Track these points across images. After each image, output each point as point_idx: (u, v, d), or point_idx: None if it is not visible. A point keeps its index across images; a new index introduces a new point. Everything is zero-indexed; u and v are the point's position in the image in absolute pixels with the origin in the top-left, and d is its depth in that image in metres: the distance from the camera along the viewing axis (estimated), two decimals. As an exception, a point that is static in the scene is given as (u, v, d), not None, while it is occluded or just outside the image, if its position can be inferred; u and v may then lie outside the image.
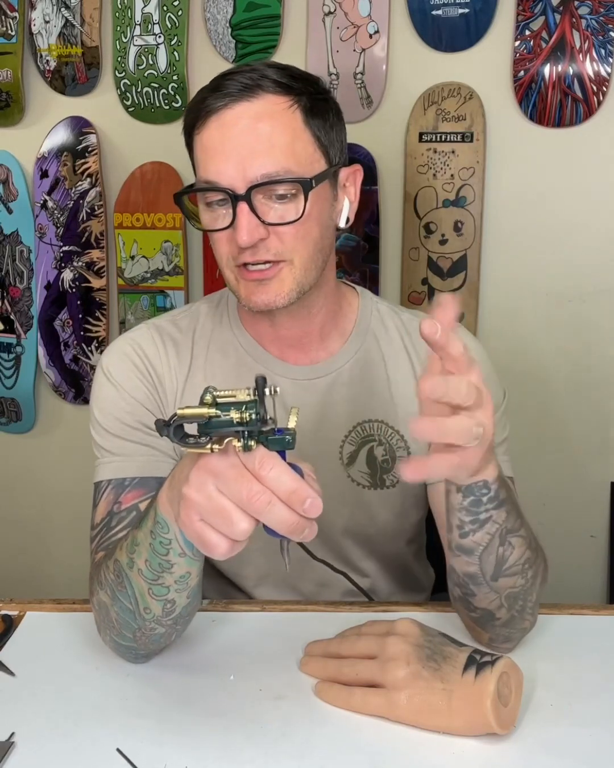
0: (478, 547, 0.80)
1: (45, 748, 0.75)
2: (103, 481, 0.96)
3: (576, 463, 1.79)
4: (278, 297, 0.91)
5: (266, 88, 0.88)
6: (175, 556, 0.73)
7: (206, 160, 0.88)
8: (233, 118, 0.87)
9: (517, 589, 0.84)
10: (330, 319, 1.02)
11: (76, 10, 1.72)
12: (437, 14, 1.60)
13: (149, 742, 0.76)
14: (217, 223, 0.90)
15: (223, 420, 0.60)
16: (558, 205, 1.67)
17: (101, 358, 1.03)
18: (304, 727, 0.78)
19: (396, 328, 1.06)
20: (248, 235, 0.86)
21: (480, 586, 0.83)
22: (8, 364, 1.93)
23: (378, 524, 1.05)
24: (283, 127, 0.88)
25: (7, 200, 1.84)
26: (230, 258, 0.91)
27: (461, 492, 0.77)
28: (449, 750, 0.75)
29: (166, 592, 0.77)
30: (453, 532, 0.81)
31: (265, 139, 0.87)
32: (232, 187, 0.86)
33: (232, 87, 0.87)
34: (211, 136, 0.88)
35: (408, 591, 1.13)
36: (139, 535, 0.76)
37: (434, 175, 1.66)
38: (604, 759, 0.74)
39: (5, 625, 0.94)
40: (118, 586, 0.79)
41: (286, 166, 0.87)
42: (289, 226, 0.88)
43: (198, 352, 1.03)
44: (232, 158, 0.86)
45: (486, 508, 0.78)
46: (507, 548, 0.81)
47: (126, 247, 1.79)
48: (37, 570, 2.06)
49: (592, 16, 1.56)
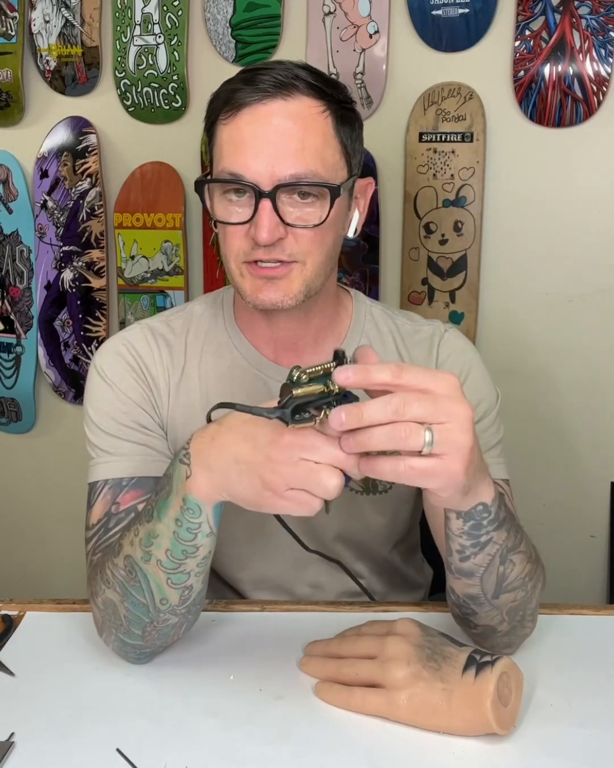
0: (479, 569, 0.79)
1: (45, 748, 0.75)
2: (99, 481, 0.95)
3: (576, 463, 1.78)
4: (286, 297, 0.90)
5: (301, 89, 0.88)
6: (202, 538, 0.76)
7: (233, 152, 0.87)
8: (266, 114, 0.87)
9: (517, 603, 0.84)
10: (327, 323, 1.02)
11: (76, 10, 1.72)
12: (437, 14, 1.60)
13: (149, 742, 0.76)
14: (233, 216, 0.89)
15: (324, 393, 0.65)
16: (558, 205, 1.67)
17: (94, 358, 1.02)
18: (304, 727, 0.78)
19: (390, 332, 1.06)
20: (269, 233, 0.85)
21: (481, 606, 0.83)
22: (8, 364, 1.93)
23: (370, 529, 1.06)
24: (315, 130, 0.88)
25: (7, 200, 1.84)
26: (241, 253, 0.90)
27: (461, 518, 0.75)
28: (449, 750, 0.75)
29: (186, 579, 0.78)
30: (452, 557, 0.80)
31: (297, 139, 0.86)
32: (258, 183, 0.86)
33: (267, 82, 0.87)
34: (241, 128, 0.87)
35: (400, 591, 1.13)
36: (157, 527, 0.77)
37: (434, 175, 1.66)
38: (604, 759, 0.74)
39: (5, 625, 0.94)
40: (130, 581, 0.80)
41: (314, 170, 0.87)
42: (308, 229, 0.88)
43: (191, 353, 1.03)
44: (262, 154, 0.86)
45: (486, 530, 0.77)
46: (507, 566, 0.80)
47: (126, 247, 1.79)
48: (37, 570, 2.06)
49: (592, 16, 1.56)
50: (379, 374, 0.63)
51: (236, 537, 1.04)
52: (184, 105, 1.72)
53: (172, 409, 1.01)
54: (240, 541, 1.05)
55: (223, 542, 0.95)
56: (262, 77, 0.87)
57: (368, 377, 0.63)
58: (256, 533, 1.04)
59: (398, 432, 0.62)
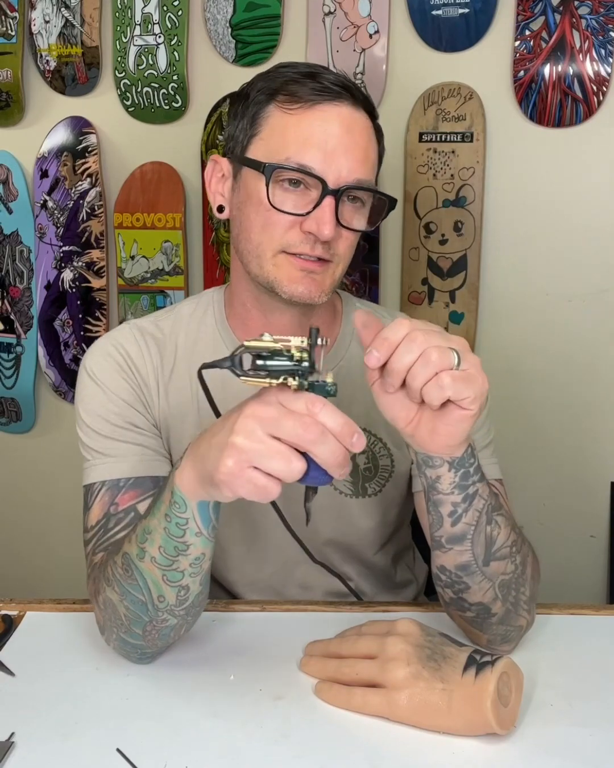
0: (469, 529, 0.80)
1: (45, 748, 0.75)
2: (96, 483, 0.95)
3: (576, 463, 1.79)
4: (321, 293, 0.92)
5: (361, 101, 0.92)
6: (191, 536, 0.75)
7: (304, 145, 0.89)
8: (338, 115, 0.90)
9: (508, 576, 0.84)
10: (324, 325, 1.03)
11: (76, 10, 1.72)
12: (437, 14, 1.60)
13: (149, 742, 0.76)
14: (287, 205, 0.90)
15: (283, 356, 0.65)
16: (558, 205, 1.67)
17: (84, 359, 1.02)
18: (304, 727, 0.78)
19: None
20: (331, 230, 0.87)
21: (473, 576, 0.83)
22: (8, 364, 1.93)
23: (359, 533, 1.06)
24: (373, 144, 0.94)
25: (7, 200, 1.84)
26: (284, 243, 0.90)
27: (453, 468, 0.78)
28: (449, 750, 0.75)
29: (181, 578, 0.78)
30: (444, 524, 0.81)
31: (362, 148, 0.91)
32: (326, 179, 0.88)
33: (331, 82, 0.90)
34: (312, 123, 0.89)
35: (388, 591, 1.13)
36: (151, 523, 0.77)
37: (434, 175, 1.66)
38: (604, 759, 0.74)
39: (5, 625, 0.94)
40: (127, 579, 0.80)
41: (370, 179, 0.92)
42: (349, 233, 0.92)
43: (181, 355, 1.02)
44: (334, 154, 0.88)
45: (472, 480, 0.79)
46: (494, 527, 0.82)
47: (126, 247, 1.79)
48: (37, 570, 2.06)
49: (592, 16, 1.56)
50: (398, 333, 0.70)
51: (229, 541, 1.04)
52: (184, 105, 1.72)
53: (162, 408, 1.00)
54: (232, 545, 1.05)
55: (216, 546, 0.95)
56: (324, 76, 0.91)
57: (390, 345, 0.70)
58: (249, 538, 1.04)
59: (430, 355, 0.68)
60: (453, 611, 0.90)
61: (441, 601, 0.91)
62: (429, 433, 0.75)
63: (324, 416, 0.65)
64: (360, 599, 1.08)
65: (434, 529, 0.82)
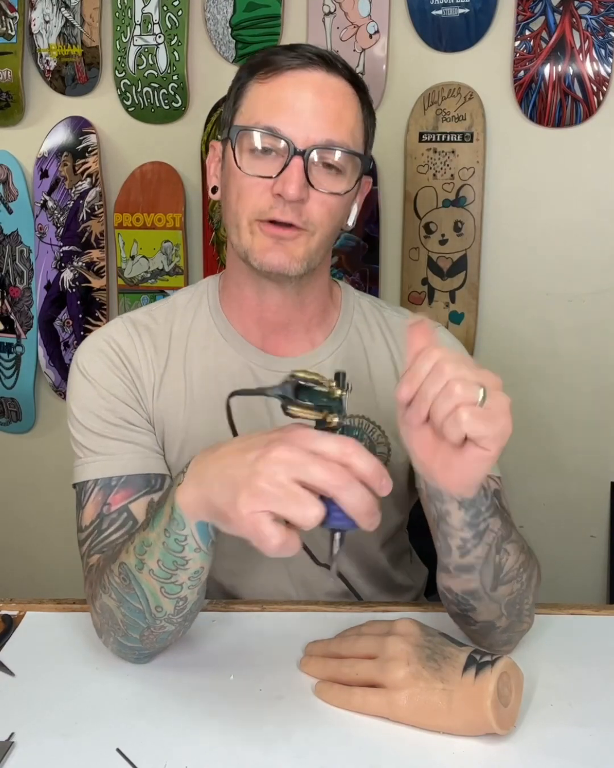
0: (478, 562, 0.79)
1: (45, 748, 0.75)
2: (89, 481, 0.94)
3: (576, 463, 1.79)
4: (293, 262, 0.90)
5: (340, 69, 0.92)
6: (190, 552, 0.74)
7: (272, 108, 0.89)
8: (309, 79, 0.90)
9: (514, 595, 0.84)
10: (320, 311, 1.02)
11: (76, 10, 1.72)
12: (437, 14, 1.60)
13: (149, 742, 0.76)
14: (257, 169, 0.90)
15: (325, 390, 0.64)
16: (558, 205, 1.67)
17: (76, 355, 1.01)
18: (304, 727, 0.78)
19: (378, 324, 1.06)
20: (297, 189, 0.86)
21: (480, 600, 0.83)
22: (8, 364, 1.92)
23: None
24: (350, 109, 0.92)
25: (7, 200, 1.84)
26: (256, 210, 0.90)
27: (464, 508, 0.76)
28: (449, 750, 0.75)
29: (179, 590, 0.77)
30: (452, 555, 0.80)
31: (334, 111, 0.90)
32: (293, 140, 0.88)
33: (310, 52, 0.90)
34: (282, 88, 0.90)
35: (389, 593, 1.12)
36: (150, 536, 0.75)
37: (434, 175, 1.66)
38: (604, 759, 0.74)
39: (5, 625, 0.94)
40: (125, 588, 0.79)
41: (346, 143, 0.90)
42: (327, 197, 0.90)
43: (175, 343, 1.01)
44: (301, 116, 0.88)
45: (484, 517, 0.77)
46: (503, 556, 0.81)
47: (126, 247, 1.79)
48: (37, 570, 2.05)
49: (592, 16, 1.56)
50: (426, 365, 0.67)
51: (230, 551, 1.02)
52: (184, 105, 1.72)
53: (156, 401, 0.99)
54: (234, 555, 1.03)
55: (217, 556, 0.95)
56: (304, 47, 0.91)
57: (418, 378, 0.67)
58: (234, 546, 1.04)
59: (453, 388, 0.65)
60: (459, 621, 0.90)
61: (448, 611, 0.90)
62: (442, 468, 0.70)
63: (357, 459, 0.64)
64: (360, 599, 1.07)
65: (442, 555, 0.82)
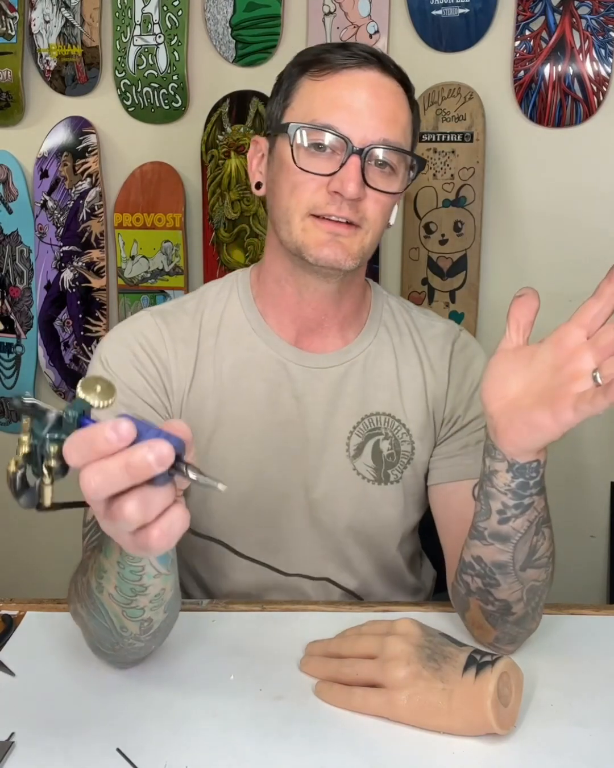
0: (516, 535, 0.79)
1: (45, 748, 0.75)
2: None
3: (576, 463, 1.78)
4: (348, 257, 0.91)
5: (391, 69, 0.93)
6: (149, 579, 0.71)
7: (329, 107, 0.90)
8: (365, 79, 0.90)
9: (539, 584, 0.83)
10: (354, 309, 1.03)
11: (76, 10, 1.72)
12: (437, 14, 1.60)
13: (149, 742, 0.76)
14: (315, 167, 0.90)
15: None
16: (558, 205, 1.67)
17: (100, 345, 1.00)
18: (304, 727, 0.78)
19: (406, 324, 1.07)
20: (356, 187, 0.87)
21: (507, 576, 0.82)
22: (8, 364, 1.92)
23: (379, 521, 1.04)
24: (403, 109, 0.93)
25: (7, 200, 1.84)
26: (311, 205, 0.90)
27: (511, 472, 0.76)
28: (449, 750, 0.75)
29: (141, 613, 0.75)
30: (490, 518, 0.79)
31: (390, 110, 0.91)
32: (351, 138, 0.88)
33: (365, 51, 0.91)
34: (338, 87, 0.90)
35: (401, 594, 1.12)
36: (105, 564, 0.72)
37: (434, 175, 1.66)
38: (604, 759, 0.74)
39: (5, 625, 0.94)
40: (90, 606, 0.77)
41: (400, 142, 0.92)
42: (380, 196, 0.91)
43: (205, 336, 1.01)
44: (360, 114, 0.89)
45: (530, 492, 0.77)
46: (540, 539, 0.80)
47: (126, 247, 1.79)
48: (37, 570, 2.05)
49: (592, 16, 1.56)
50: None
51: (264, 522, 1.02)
52: (184, 105, 1.72)
53: (189, 393, 0.99)
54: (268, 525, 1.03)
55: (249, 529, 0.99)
56: (358, 45, 0.92)
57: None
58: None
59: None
60: (474, 600, 0.87)
61: (462, 590, 0.88)
62: (507, 422, 0.74)
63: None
64: (360, 599, 1.07)
65: (480, 518, 0.81)
